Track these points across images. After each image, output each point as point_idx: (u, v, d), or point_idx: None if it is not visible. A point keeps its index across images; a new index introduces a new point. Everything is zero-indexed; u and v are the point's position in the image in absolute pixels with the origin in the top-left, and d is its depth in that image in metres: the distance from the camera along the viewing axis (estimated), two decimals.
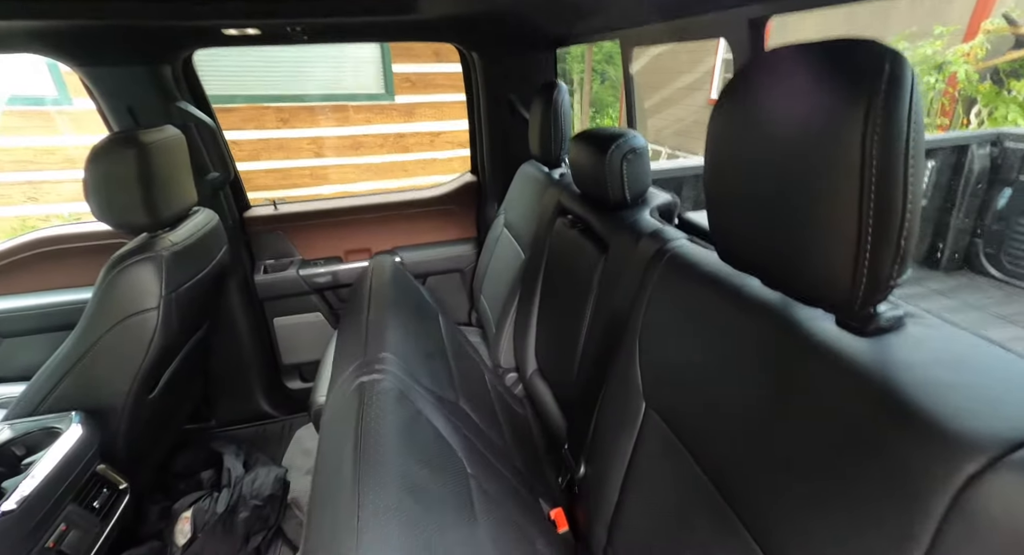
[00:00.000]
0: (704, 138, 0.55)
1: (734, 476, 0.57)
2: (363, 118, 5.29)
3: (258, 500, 1.35)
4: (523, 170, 1.71)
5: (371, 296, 0.83)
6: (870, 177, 0.39)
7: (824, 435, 0.45)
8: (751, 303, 0.59)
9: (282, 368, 1.95)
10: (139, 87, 1.43)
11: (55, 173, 4.43)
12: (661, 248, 0.81)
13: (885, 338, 0.47)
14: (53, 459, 0.94)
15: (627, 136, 1.00)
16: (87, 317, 1.11)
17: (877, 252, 0.40)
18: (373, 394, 0.59)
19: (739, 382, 0.58)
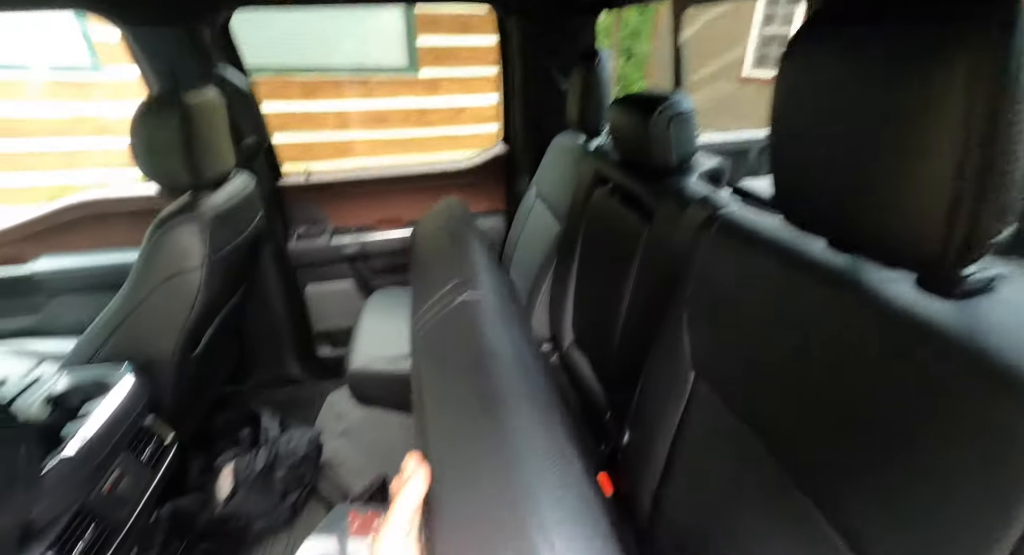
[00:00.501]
0: (729, 117, 0.51)
1: (793, 446, 0.56)
2: (386, 91, 5.25)
3: (294, 459, 1.39)
4: (558, 141, 1.68)
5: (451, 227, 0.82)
6: (976, 119, 0.36)
7: (904, 401, 0.44)
8: (816, 268, 0.57)
9: (314, 335, 1.99)
10: (179, 49, 1.43)
11: (88, 141, 4.51)
12: (712, 215, 0.78)
13: (973, 301, 0.44)
14: (108, 408, 0.98)
15: (674, 98, 0.97)
16: (135, 275, 1.13)
17: (977, 205, 0.37)
18: (482, 312, 0.57)
19: (800, 350, 0.56)
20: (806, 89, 0.48)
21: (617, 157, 1.19)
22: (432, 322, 0.60)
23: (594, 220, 1.25)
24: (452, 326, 0.57)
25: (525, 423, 0.39)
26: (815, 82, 0.47)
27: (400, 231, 1.93)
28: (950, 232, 0.38)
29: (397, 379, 1.41)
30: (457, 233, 0.78)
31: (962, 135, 0.37)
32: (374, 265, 1.96)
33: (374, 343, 1.50)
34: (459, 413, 0.45)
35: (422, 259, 0.81)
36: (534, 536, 0.29)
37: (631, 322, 1.01)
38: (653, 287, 0.92)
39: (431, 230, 0.87)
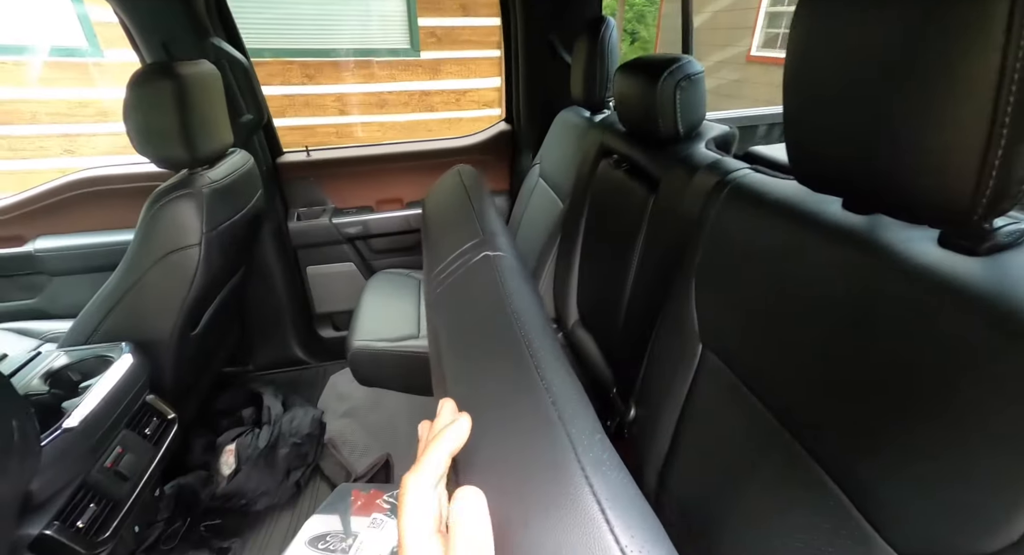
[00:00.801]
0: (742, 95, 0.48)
1: (805, 413, 0.54)
2: (388, 75, 5.18)
3: (297, 438, 1.39)
4: (562, 117, 1.64)
5: (467, 190, 0.80)
6: (1016, 49, 0.33)
7: (926, 366, 0.42)
8: (831, 229, 0.55)
9: (315, 316, 1.98)
10: (173, 21, 1.40)
11: (90, 126, 4.48)
12: (722, 180, 0.75)
13: (1002, 256, 0.42)
14: (108, 384, 0.97)
15: (682, 61, 0.93)
16: (131, 252, 1.12)
17: (1012, 148, 0.35)
18: (505, 269, 0.56)
19: (813, 314, 0.54)
20: (821, 38, 0.45)
21: (623, 128, 1.15)
22: (451, 278, 0.58)
23: (599, 195, 1.22)
24: (475, 280, 0.55)
25: (553, 370, 0.37)
26: (831, 29, 0.44)
27: (401, 212, 1.91)
28: (979, 180, 0.36)
29: (399, 359, 1.40)
30: (473, 197, 0.76)
31: (998, 70, 0.34)
32: (375, 246, 1.94)
33: (375, 324, 1.49)
34: (487, 358, 0.43)
35: (437, 220, 0.79)
36: (575, 476, 0.28)
37: (637, 296, 0.99)
38: (659, 259, 0.89)
39: (445, 194, 0.85)
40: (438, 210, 0.86)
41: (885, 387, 0.45)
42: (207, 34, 1.45)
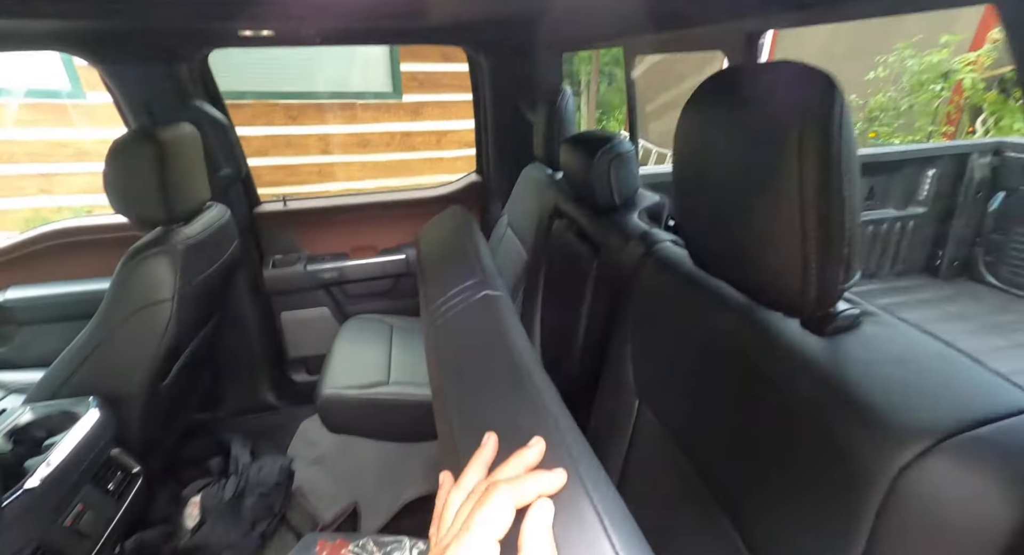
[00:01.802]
0: None
1: (717, 469, 0.60)
2: (370, 116, 5.33)
3: (264, 488, 1.39)
4: (527, 172, 1.74)
5: (461, 230, 0.86)
6: (806, 189, 0.42)
7: (788, 428, 0.49)
8: (726, 304, 0.63)
9: (288, 361, 2.00)
10: (157, 85, 1.48)
11: (68, 166, 4.49)
12: (648, 250, 0.84)
13: (842, 338, 0.50)
14: (72, 441, 0.99)
15: (614, 141, 1.04)
16: (105, 306, 1.15)
17: (822, 259, 0.44)
18: (504, 309, 0.61)
19: (717, 379, 0.61)
20: (694, 154, 0.55)
21: (571, 192, 1.25)
22: (451, 312, 0.64)
23: (554, 251, 1.30)
24: (475, 316, 0.61)
25: (556, 404, 0.44)
26: (699, 146, 0.54)
27: (375, 258, 1.97)
28: (805, 285, 0.44)
29: (369, 406, 1.43)
30: (470, 238, 0.83)
31: (798, 195, 0.43)
32: (349, 291, 1.99)
33: (346, 370, 1.52)
34: (494, 391, 0.49)
35: (435, 256, 0.85)
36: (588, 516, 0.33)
37: (587, 350, 1.05)
38: (603, 315, 0.97)
39: (443, 232, 0.92)
40: (436, 247, 0.93)
41: (758, 446, 0.52)
42: (189, 96, 1.53)
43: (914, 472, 0.37)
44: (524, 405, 0.44)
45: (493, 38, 1.71)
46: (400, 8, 1.34)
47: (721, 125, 0.50)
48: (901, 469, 0.38)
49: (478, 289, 0.66)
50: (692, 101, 0.54)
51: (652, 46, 1.22)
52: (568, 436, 0.40)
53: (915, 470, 0.37)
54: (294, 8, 1.28)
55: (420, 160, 5.65)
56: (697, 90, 0.54)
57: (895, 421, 0.40)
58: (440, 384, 0.56)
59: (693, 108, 0.54)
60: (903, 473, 0.38)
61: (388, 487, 1.52)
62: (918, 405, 0.41)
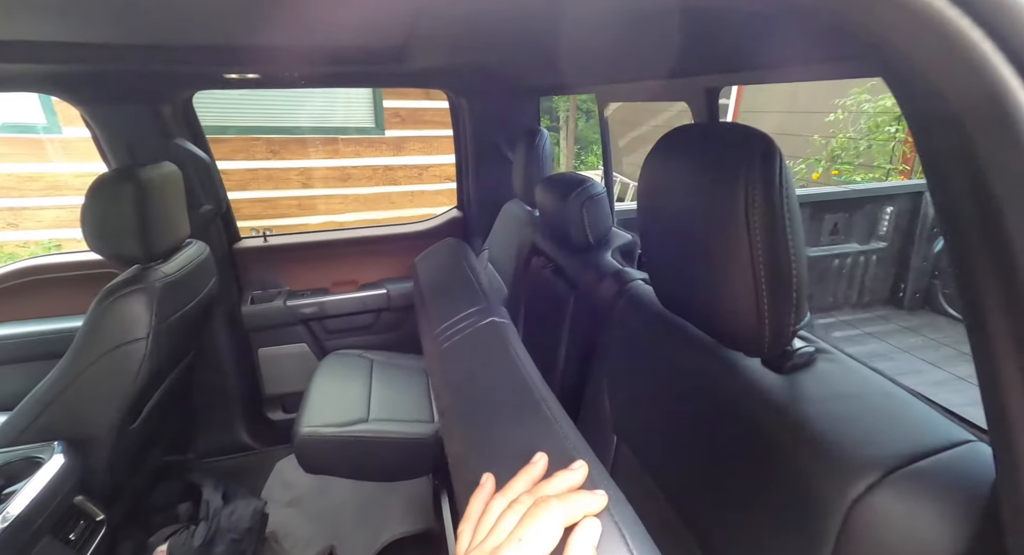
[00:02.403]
0: None
1: (690, 502, 0.62)
2: (353, 151, 5.40)
3: (235, 533, 1.34)
4: (507, 208, 1.79)
5: (461, 259, 0.89)
6: (755, 241, 0.46)
7: (752, 462, 0.52)
8: (694, 342, 0.66)
9: (264, 399, 1.95)
10: (139, 124, 1.49)
11: (37, 200, 4.41)
12: (621, 289, 0.88)
13: (798, 375, 0.54)
14: (34, 489, 0.95)
15: (587, 184, 1.09)
16: (76, 346, 1.12)
17: (774, 303, 0.47)
18: (511, 335, 0.63)
19: (687, 415, 0.64)
20: (656, 202, 0.59)
21: (547, 230, 1.29)
22: (458, 335, 0.65)
23: (532, 287, 1.33)
24: (483, 340, 0.63)
25: (571, 428, 0.46)
26: (660, 195, 0.58)
27: (356, 293, 1.97)
28: (759, 327, 0.48)
29: (347, 444, 1.40)
30: (470, 267, 0.85)
31: (747, 244, 0.47)
32: (329, 326, 1.97)
33: (325, 407, 1.49)
34: (510, 412, 0.51)
35: (435, 284, 0.87)
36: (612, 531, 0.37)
37: (566, 384, 1.07)
38: (581, 351, 0.99)
39: (440, 262, 0.94)
40: (436, 274, 0.94)
41: (725, 478, 0.54)
42: (172, 135, 1.54)
43: (865, 504, 0.40)
44: (542, 429, 0.47)
45: (472, 82, 1.78)
46: (383, 54, 1.40)
47: (678, 179, 0.54)
48: (854, 501, 0.40)
49: (484, 315, 0.68)
50: (653, 154, 0.59)
51: (622, 94, 1.30)
52: (588, 460, 0.42)
53: (866, 502, 0.40)
54: (279, 53, 1.32)
55: (402, 193, 5.71)
56: (658, 143, 0.58)
57: (846, 455, 0.43)
58: (450, 405, 0.58)
59: (654, 161, 0.59)
60: (856, 505, 0.40)
61: (366, 528, 1.47)
62: (866, 439, 0.44)
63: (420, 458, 1.41)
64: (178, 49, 1.22)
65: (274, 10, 0.88)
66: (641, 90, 1.15)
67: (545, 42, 1.20)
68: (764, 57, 0.67)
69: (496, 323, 0.69)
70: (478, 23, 1.07)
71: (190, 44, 1.22)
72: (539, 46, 1.23)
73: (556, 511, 0.35)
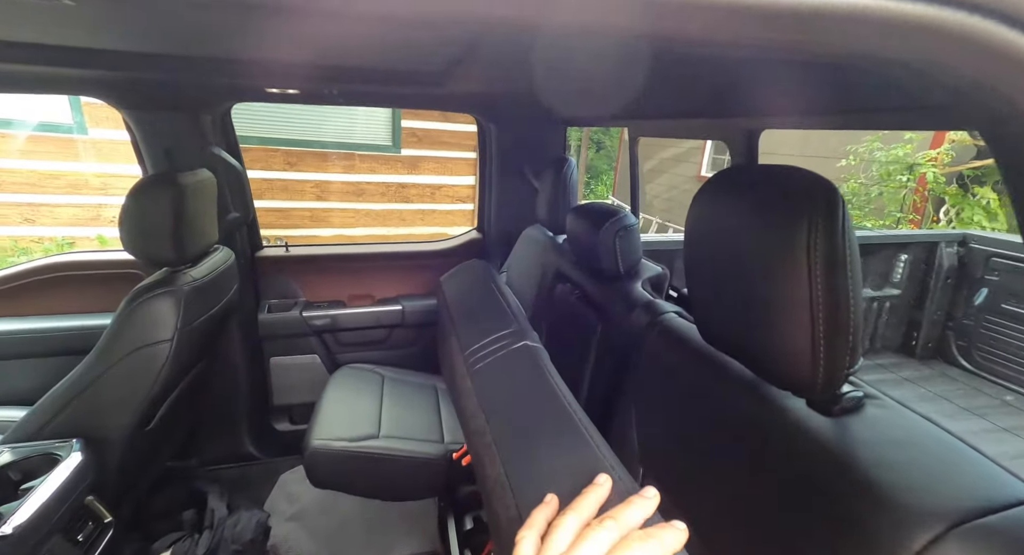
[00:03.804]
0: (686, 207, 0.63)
1: (722, 542, 0.61)
2: (368, 167, 5.49)
3: (238, 545, 1.32)
4: (528, 233, 1.81)
5: (487, 282, 0.90)
6: (816, 285, 0.47)
7: (798, 507, 0.51)
8: (733, 379, 0.66)
9: (272, 408, 1.94)
10: (179, 131, 1.53)
11: (56, 197, 4.47)
12: (652, 320, 0.88)
13: (847, 419, 0.54)
14: (51, 486, 0.94)
15: (620, 215, 1.11)
16: (102, 344, 1.13)
17: (830, 346, 0.48)
18: (544, 359, 0.63)
19: (722, 452, 0.63)
20: (705, 240, 0.60)
21: (574, 258, 1.30)
22: (491, 357, 0.66)
23: (556, 313, 1.34)
24: (518, 363, 0.65)
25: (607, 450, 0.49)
26: (711, 234, 0.59)
27: (371, 308, 1.98)
28: (814, 369, 0.48)
29: (358, 460, 1.38)
30: (499, 289, 0.87)
31: (808, 289, 0.47)
32: (343, 339, 1.97)
33: (336, 421, 1.48)
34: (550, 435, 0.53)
35: (465, 304, 0.87)
36: None
37: (589, 413, 1.06)
38: (607, 381, 0.99)
39: (467, 282, 0.95)
40: (465, 294, 0.95)
41: (768, 522, 0.54)
42: (209, 144, 1.58)
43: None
44: (587, 454, 0.48)
45: (504, 110, 1.83)
46: (420, 77, 1.44)
47: (732, 218, 0.55)
48: (917, 552, 0.40)
49: (517, 338, 0.69)
50: (705, 190, 0.60)
51: (656, 130, 1.33)
52: (630, 486, 0.43)
53: (930, 553, 0.39)
54: (321, 71, 1.37)
55: (414, 211, 5.77)
56: (710, 181, 0.60)
57: (906, 504, 0.42)
58: (483, 428, 0.58)
59: (706, 197, 0.60)
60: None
61: (371, 547, 1.45)
62: (926, 489, 0.43)
63: (429, 478, 1.39)
64: (224, 62, 1.27)
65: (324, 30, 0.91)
66: (676, 127, 1.18)
67: (583, 75, 1.24)
68: (814, 103, 0.69)
69: (530, 347, 0.70)
70: (519, 53, 1.11)
71: (236, 58, 1.26)
72: (576, 79, 1.26)
73: (651, 549, 0.37)
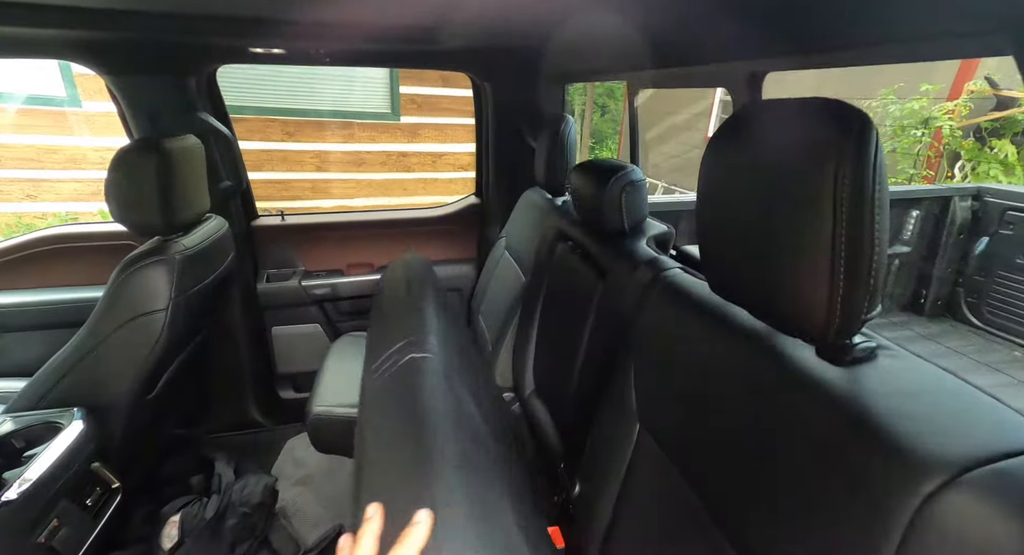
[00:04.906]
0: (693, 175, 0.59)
1: (721, 495, 0.60)
2: (367, 136, 5.39)
3: (247, 508, 1.35)
4: (527, 196, 1.77)
5: (409, 284, 0.88)
6: (841, 221, 0.43)
7: (802, 457, 0.50)
8: (738, 331, 0.64)
9: (276, 377, 1.96)
10: (163, 96, 1.49)
11: (56, 172, 4.44)
12: (656, 276, 0.85)
13: (859, 368, 0.51)
14: (54, 453, 0.95)
15: (627, 169, 1.06)
16: (96, 315, 1.13)
17: (849, 289, 0.45)
18: (426, 371, 0.62)
19: (726, 405, 0.62)
20: (720, 184, 0.56)
21: (577, 217, 1.27)
22: (380, 379, 0.65)
23: (556, 274, 1.31)
24: (398, 384, 0.63)
25: (454, 481, 0.45)
26: (729, 175, 0.55)
27: (370, 276, 1.96)
28: (829, 313, 0.45)
29: None
30: (413, 291, 0.84)
31: (831, 226, 0.44)
32: (342, 308, 1.97)
33: (337, 388, 1.49)
34: (394, 471, 0.50)
35: (380, 312, 0.86)
36: None
37: (585, 374, 1.06)
38: (606, 340, 0.97)
39: (391, 286, 0.93)
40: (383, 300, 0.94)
41: (771, 473, 0.52)
42: (195, 109, 1.54)
43: (937, 503, 0.38)
44: (421, 477, 0.46)
45: (499, 67, 1.75)
46: (410, 33, 1.38)
47: (751, 157, 0.51)
48: (924, 499, 0.38)
49: (406, 352, 0.68)
50: (720, 134, 0.56)
51: (655, 81, 1.27)
52: (462, 506, 0.42)
53: (938, 500, 0.38)
54: (307, 28, 1.31)
55: (415, 180, 5.70)
56: (726, 122, 0.56)
57: (918, 450, 0.41)
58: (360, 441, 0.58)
59: (722, 139, 0.56)
60: (926, 503, 0.38)
61: None
62: (940, 437, 0.41)
63: None
64: (205, 19, 1.21)
65: None
66: (677, 76, 1.12)
67: (577, 27, 1.18)
68: (820, 39, 0.64)
69: (414, 360, 0.69)
70: (511, 5, 1.04)
71: (217, 14, 1.21)
72: (570, 31, 1.20)
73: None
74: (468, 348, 1.22)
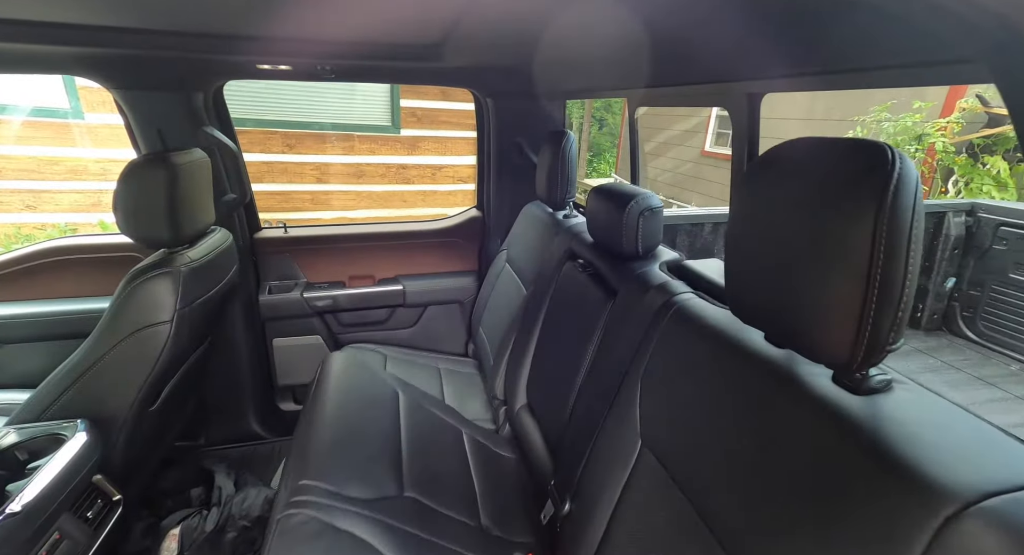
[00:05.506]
0: (697, 189, 0.60)
1: (727, 517, 0.61)
2: (368, 148, 5.44)
3: (247, 521, 1.34)
4: (528, 210, 1.79)
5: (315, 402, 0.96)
6: (878, 258, 0.45)
7: (816, 481, 0.50)
8: (754, 357, 0.65)
9: (276, 389, 1.96)
10: (171, 111, 1.51)
11: (56, 184, 4.46)
12: (668, 300, 0.87)
13: (876, 397, 0.53)
14: (57, 465, 0.95)
15: (645, 195, 1.09)
16: (102, 326, 1.13)
17: (878, 320, 0.47)
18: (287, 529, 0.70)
19: (737, 428, 0.63)
20: (751, 215, 0.58)
21: (590, 239, 1.29)
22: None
23: (561, 291, 1.32)
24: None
25: None
26: (763, 206, 0.57)
27: (372, 288, 1.98)
28: (856, 340, 0.47)
29: None
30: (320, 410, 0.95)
31: (868, 262, 0.46)
32: (344, 320, 1.98)
33: None
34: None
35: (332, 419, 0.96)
36: None
37: (587, 391, 1.06)
38: (611, 360, 0.98)
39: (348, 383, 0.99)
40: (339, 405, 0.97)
41: (784, 499, 0.53)
42: (201, 123, 1.56)
43: (956, 527, 0.39)
44: None
45: (501, 83, 1.79)
46: (417, 52, 1.41)
47: (787, 192, 0.53)
48: (945, 520, 0.39)
49: (282, 508, 0.85)
50: (755, 168, 0.58)
51: (655, 99, 1.29)
52: None
53: (955, 526, 0.39)
54: (312, 46, 1.33)
55: (415, 192, 5.73)
56: (763, 156, 0.57)
57: (938, 476, 0.42)
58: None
59: (757, 172, 0.58)
60: (945, 527, 0.39)
61: None
62: (959, 464, 0.43)
63: None
64: (213, 37, 1.24)
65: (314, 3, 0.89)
66: (674, 95, 1.15)
67: (578, 46, 1.21)
68: (815, 62, 0.66)
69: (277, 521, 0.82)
70: (514, 25, 1.07)
71: (225, 32, 1.23)
72: (571, 50, 1.23)
73: None
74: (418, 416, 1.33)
